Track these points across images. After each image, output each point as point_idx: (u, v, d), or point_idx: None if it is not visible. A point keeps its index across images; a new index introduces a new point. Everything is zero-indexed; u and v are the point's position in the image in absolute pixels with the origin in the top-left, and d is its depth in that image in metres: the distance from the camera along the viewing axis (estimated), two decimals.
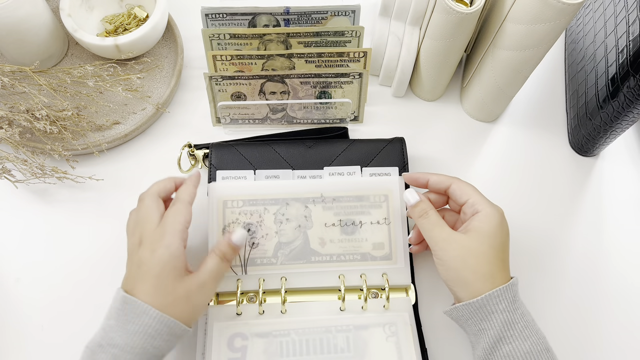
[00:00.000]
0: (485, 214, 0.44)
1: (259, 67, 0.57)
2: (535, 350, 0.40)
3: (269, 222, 0.49)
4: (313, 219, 0.49)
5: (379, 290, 0.49)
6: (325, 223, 0.49)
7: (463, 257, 0.43)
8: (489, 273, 0.42)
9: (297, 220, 0.49)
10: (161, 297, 0.39)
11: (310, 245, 0.49)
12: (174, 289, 0.40)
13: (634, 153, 0.62)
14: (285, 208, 0.49)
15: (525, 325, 0.41)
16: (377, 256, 0.49)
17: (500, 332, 0.41)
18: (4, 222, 0.54)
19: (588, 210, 0.58)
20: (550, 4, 0.45)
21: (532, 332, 0.41)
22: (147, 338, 0.38)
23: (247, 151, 0.53)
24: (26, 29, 0.55)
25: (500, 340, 0.41)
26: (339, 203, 0.49)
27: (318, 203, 0.49)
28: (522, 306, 0.43)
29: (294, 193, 0.49)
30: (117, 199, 0.55)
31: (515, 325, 0.41)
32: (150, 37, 0.59)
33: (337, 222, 0.49)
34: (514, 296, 0.42)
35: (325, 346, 0.46)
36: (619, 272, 0.55)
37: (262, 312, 0.48)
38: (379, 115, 0.62)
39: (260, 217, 0.49)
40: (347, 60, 0.56)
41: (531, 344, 0.40)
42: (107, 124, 0.58)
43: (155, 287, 0.40)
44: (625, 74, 0.49)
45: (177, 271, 0.41)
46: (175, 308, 0.40)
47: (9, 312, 0.50)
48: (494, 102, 0.59)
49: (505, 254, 0.44)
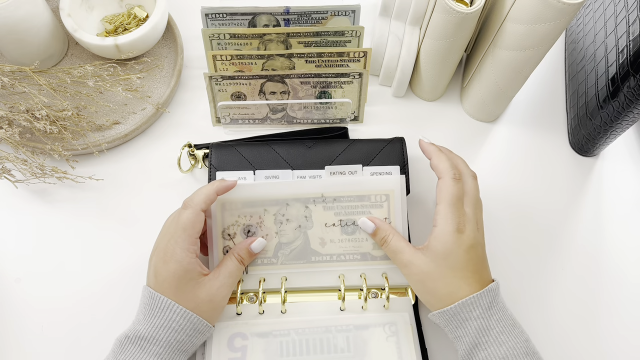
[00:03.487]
0: (439, 232, 0.43)
1: (259, 67, 0.57)
2: (512, 354, 0.40)
3: (269, 222, 0.49)
4: (313, 219, 0.49)
5: (379, 290, 0.49)
6: (325, 223, 0.49)
7: (422, 281, 0.43)
8: (448, 293, 0.42)
9: (297, 220, 0.49)
10: (185, 302, 0.42)
11: (311, 245, 0.49)
12: (195, 296, 0.42)
13: (634, 153, 0.62)
14: (286, 208, 0.49)
15: (501, 331, 0.41)
16: (377, 256, 0.49)
17: (475, 339, 0.41)
18: (3, 222, 0.54)
19: (588, 210, 0.58)
20: (550, 3, 0.45)
21: (510, 337, 0.41)
22: (172, 332, 0.41)
23: (247, 151, 0.53)
24: (26, 28, 0.55)
25: (475, 346, 0.41)
26: (340, 203, 0.49)
27: (318, 203, 0.49)
28: (500, 311, 0.42)
29: (294, 194, 0.49)
30: (117, 199, 0.55)
31: (490, 332, 0.41)
32: (150, 37, 0.59)
33: (337, 222, 0.49)
34: (491, 302, 0.42)
35: (325, 346, 0.46)
36: (619, 272, 0.55)
37: (262, 312, 0.48)
38: (379, 115, 0.62)
39: (260, 217, 0.48)
40: (347, 60, 0.56)
41: (507, 349, 0.40)
42: (107, 124, 0.58)
43: (177, 296, 0.42)
44: (625, 74, 0.49)
45: (194, 280, 0.42)
46: (200, 309, 0.42)
47: (9, 312, 0.50)
48: (494, 102, 0.59)
49: (469, 268, 0.43)
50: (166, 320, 0.41)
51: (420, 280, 0.44)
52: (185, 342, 0.41)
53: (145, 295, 0.43)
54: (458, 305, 0.42)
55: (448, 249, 0.42)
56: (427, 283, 0.43)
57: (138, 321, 0.42)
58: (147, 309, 0.42)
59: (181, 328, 0.41)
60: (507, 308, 0.43)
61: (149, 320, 0.41)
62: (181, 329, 0.41)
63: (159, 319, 0.41)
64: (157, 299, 0.41)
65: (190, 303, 0.42)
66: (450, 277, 0.42)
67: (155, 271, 0.42)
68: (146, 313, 0.42)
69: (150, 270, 0.43)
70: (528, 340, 0.42)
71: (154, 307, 0.41)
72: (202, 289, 0.43)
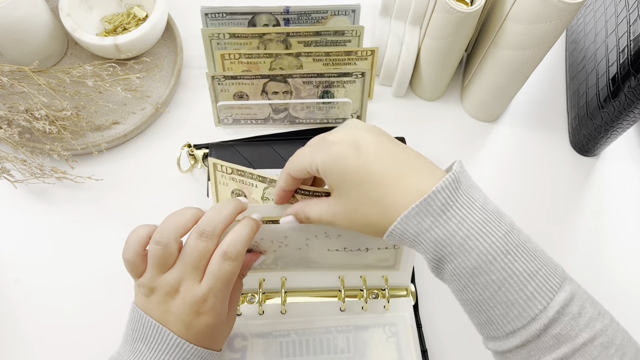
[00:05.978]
0: (321, 168, 0.34)
1: (267, 66, 0.57)
2: (485, 259, 0.31)
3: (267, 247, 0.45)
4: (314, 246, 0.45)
5: (379, 291, 0.49)
6: (328, 249, 0.45)
7: (349, 221, 0.35)
8: (378, 219, 0.33)
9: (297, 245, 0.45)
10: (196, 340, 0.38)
11: (311, 256, 0.46)
12: (217, 338, 0.39)
13: (634, 153, 0.62)
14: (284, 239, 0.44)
15: (468, 234, 0.31)
16: (380, 266, 0.48)
17: (436, 253, 0.32)
18: (3, 222, 0.54)
19: (589, 210, 0.58)
20: (551, 3, 0.45)
21: (479, 239, 0.31)
22: None
23: (247, 151, 0.53)
24: (25, 28, 0.55)
25: (440, 260, 0.33)
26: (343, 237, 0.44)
27: (321, 238, 0.44)
28: (461, 211, 0.31)
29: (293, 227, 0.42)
30: (117, 199, 0.55)
31: (451, 240, 0.31)
32: (150, 36, 0.58)
33: (340, 249, 0.45)
34: (444, 205, 0.31)
35: (325, 346, 0.46)
36: (619, 272, 0.55)
37: (262, 313, 0.47)
38: (379, 115, 0.62)
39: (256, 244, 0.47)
40: (354, 59, 0.56)
41: (478, 254, 0.31)
42: (106, 124, 0.58)
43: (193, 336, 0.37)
44: (626, 74, 0.49)
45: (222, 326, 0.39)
46: (214, 345, 0.39)
47: (9, 312, 0.50)
48: (494, 102, 0.59)
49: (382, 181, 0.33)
50: (177, 357, 0.37)
51: (348, 223, 0.35)
52: None
53: (146, 325, 0.37)
54: (393, 229, 0.32)
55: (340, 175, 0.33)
56: (354, 219, 0.34)
57: (141, 353, 0.37)
58: (152, 342, 0.37)
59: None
60: (474, 199, 0.32)
61: (155, 355, 0.37)
62: None
63: (168, 355, 0.36)
64: (166, 335, 0.37)
65: (204, 341, 0.38)
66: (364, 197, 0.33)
67: (184, 322, 0.37)
68: (151, 346, 0.37)
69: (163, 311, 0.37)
70: (508, 232, 0.31)
71: (161, 342, 0.37)
72: (224, 327, 0.40)
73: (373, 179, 0.33)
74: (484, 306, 0.32)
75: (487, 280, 0.31)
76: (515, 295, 0.31)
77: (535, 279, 0.31)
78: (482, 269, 0.31)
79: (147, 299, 0.38)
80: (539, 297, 0.30)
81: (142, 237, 0.37)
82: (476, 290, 0.32)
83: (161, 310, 0.37)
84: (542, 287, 0.31)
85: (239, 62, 0.56)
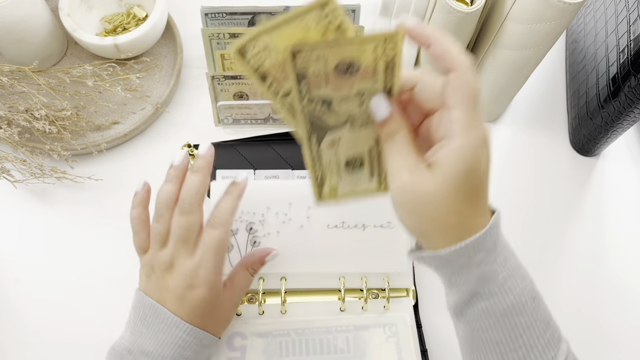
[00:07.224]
0: (458, 147, 0.31)
1: None
2: (518, 302, 0.32)
3: (271, 220, 0.48)
4: (316, 220, 0.49)
5: (379, 291, 0.49)
6: (327, 225, 0.49)
7: (424, 207, 0.32)
8: (456, 226, 0.32)
9: (299, 220, 0.49)
10: (190, 317, 0.39)
11: (313, 246, 0.49)
12: (213, 317, 0.40)
13: (634, 153, 0.62)
14: (288, 208, 0.48)
15: (508, 276, 0.32)
16: (382, 272, 0.49)
17: (475, 288, 0.32)
18: (3, 222, 0.54)
19: (589, 210, 0.58)
20: (551, 3, 0.44)
21: (517, 281, 0.32)
22: (178, 349, 0.38)
23: (246, 151, 0.53)
24: (25, 28, 0.55)
25: (474, 295, 0.32)
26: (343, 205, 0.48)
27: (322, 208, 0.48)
28: (504, 252, 0.33)
29: (296, 195, 0.49)
30: (116, 199, 0.55)
31: (495, 279, 0.32)
32: (150, 36, 0.58)
33: (339, 224, 0.49)
34: (495, 240, 0.32)
35: (325, 346, 0.46)
36: (619, 272, 0.54)
37: (262, 313, 0.47)
38: None
39: (262, 215, 0.48)
40: None
41: (514, 297, 0.32)
42: (106, 124, 0.58)
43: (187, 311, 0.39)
44: (626, 74, 0.49)
45: (219, 299, 0.40)
46: (212, 327, 0.40)
47: (9, 312, 0.50)
48: (494, 102, 0.59)
49: (480, 194, 0.32)
50: (173, 337, 0.38)
51: (421, 206, 0.32)
52: (191, 357, 0.39)
53: (146, 306, 0.39)
54: (463, 247, 0.31)
55: (466, 171, 0.31)
56: (429, 209, 0.31)
57: (140, 333, 0.38)
58: (150, 322, 0.39)
59: (187, 345, 0.38)
60: (507, 242, 0.34)
61: (154, 335, 0.38)
62: (187, 346, 0.38)
63: (165, 335, 0.38)
64: (163, 314, 0.38)
65: (205, 324, 0.39)
66: (462, 202, 0.31)
67: (179, 296, 0.38)
68: (149, 326, 0.38)
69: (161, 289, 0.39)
70: (533, 282, 0.34)
71: (159, 322, 0.38)
72: (219, 312, 0.41)
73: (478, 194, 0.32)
74: (504, 348, 0.33)
75: (516, 323, 0.32)
76: (536, 340, 0.32)
77: (550, 326, 0.33)
78: (515, 310, 0.32)
79: (147, 280, 0.40)
80: (552, 344, 0.32)
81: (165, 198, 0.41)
82: (502, 331, 0.32)
83: (159, 288, 0.39)
84: (554, 334, 0.33)
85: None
